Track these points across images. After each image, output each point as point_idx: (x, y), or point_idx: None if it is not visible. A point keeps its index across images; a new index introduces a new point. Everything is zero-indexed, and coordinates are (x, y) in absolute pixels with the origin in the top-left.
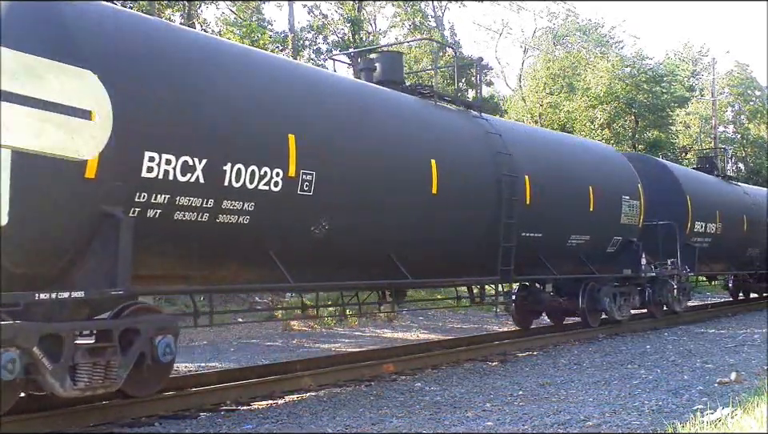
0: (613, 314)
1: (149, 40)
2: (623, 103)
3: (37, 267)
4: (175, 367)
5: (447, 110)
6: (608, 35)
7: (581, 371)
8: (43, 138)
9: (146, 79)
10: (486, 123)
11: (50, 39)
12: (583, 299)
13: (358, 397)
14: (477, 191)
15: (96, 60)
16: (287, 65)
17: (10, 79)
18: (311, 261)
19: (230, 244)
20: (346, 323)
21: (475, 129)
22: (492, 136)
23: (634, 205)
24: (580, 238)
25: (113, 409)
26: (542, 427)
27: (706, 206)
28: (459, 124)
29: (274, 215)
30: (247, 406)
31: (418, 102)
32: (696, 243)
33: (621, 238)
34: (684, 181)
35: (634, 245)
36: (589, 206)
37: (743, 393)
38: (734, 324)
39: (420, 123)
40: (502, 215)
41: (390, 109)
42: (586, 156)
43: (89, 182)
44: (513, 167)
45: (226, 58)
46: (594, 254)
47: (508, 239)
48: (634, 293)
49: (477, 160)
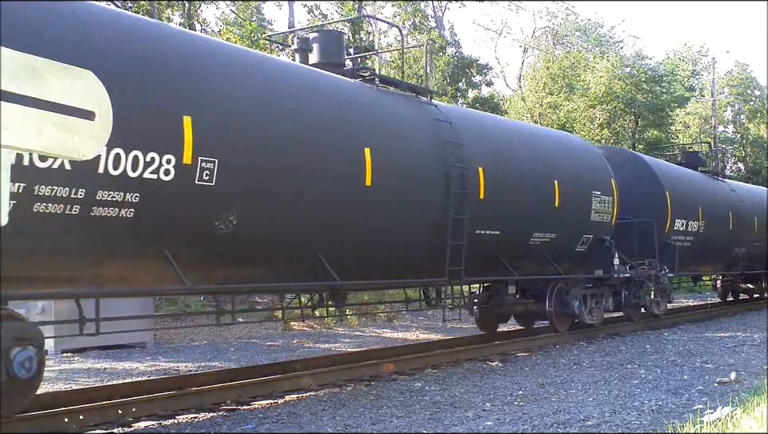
0: (583, 317)
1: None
2: (623, 103)
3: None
4: (175, 367)
5: (390, 94)
6: (608, 35)
7: (581, 371)
8: (43, 138)
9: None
10: (434, 110)
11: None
12: (550, 301)
13: (358, 397)
14: (420, 184)
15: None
16: (187, 36)
17: (10, 79)
18: (217, 261)
19: (112, 241)
20: (346, 323)
21: (421, 116)
22: (440, 124)
23: (606, 201)
24: (544, 236)
25: (113, 409)
26: (542, 427)
27: (688, 202)
28: (402, 110)
29: (166, 209)
30: (247, 406)
31: (356, 85)
32: (676, 241)
33: (591, 236)
34: (663, 176)
35: (606, 244)
36: (554, 202)
37: (743, 393)
38: (733, 324)
39: (354, 108)
40: (450, 211)
41: (318, 92)
42: (552, 148)
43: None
44: (464, 158)
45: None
46: (562, 253)
47: (457, 236)
48: (607, 295)
49: (421, 150)
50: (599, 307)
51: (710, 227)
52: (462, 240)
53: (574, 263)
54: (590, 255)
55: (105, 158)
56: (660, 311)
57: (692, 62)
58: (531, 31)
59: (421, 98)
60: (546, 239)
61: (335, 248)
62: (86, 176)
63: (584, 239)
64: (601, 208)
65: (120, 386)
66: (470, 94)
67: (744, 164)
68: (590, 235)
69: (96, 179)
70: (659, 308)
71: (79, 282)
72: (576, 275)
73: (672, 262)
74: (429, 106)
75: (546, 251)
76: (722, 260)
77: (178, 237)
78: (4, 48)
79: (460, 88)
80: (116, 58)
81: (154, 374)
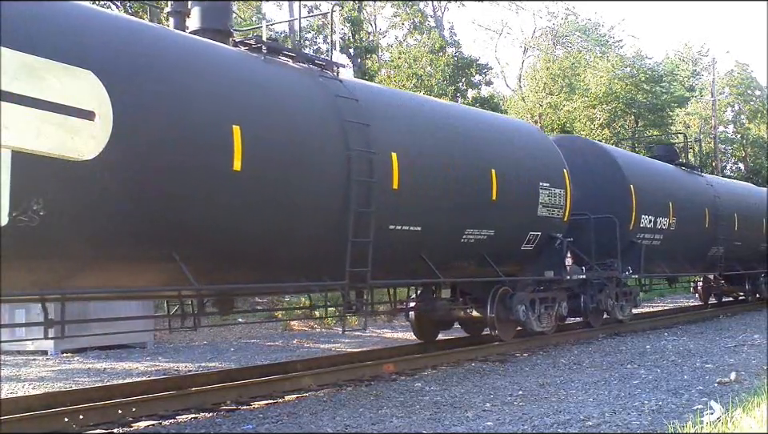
0: (530, 324)
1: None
2: (623, 103)
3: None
4: (175, 367)
5: (279, 66)
6: (608, 35)
7: (581, 371)
8: (43, 138)
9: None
10: (336, 85)
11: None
12: (492, 306)
13: (358, 397)
14: (311, 171)
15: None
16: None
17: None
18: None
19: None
20: (346, 323)
21: (318, 91)
22: (343, 101)
23: (556, 194)
24: (480, 233)
25: (113, 409)
26: (542, 427)
27: (656, 197)
28: (290, 84)
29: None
30: (247, 406)
31: (235, 55)
32: (643, 240)
33: (540, 233)
34: (627, 167)
35: (558, 242)
36: (491, 194)
37: (743, 393)
38: (733, 324)
39: (224, 80)
40: (351, 203)
41: (173, 58)
42: (490, 133)
43: None
44: (372, 141)
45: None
46: (504, 253)
47: (361, 232)
48: (561, 299)
49: (313, 130)
50: (549, 313)
51: (683, 225)
52: (367, 237)
53: (520, 263)
54: (539, 255)
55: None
56: (625, 316)
57: (692, 62)
58: (531, 31)
59: (326, 72)
60: (482, 236)
61: (195, 247)
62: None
63: (531, 237)
64: (550, 202)
65: (120, 386)
66: (469, 94)
67: (744, 164)
68: (537, 232)
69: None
70: (623, 313)
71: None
72: (520, 276)
73: (637, 262)
74: (330, 81)
75: (484, 250)
76: (697, 261)
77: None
78: (4, 48)
79: (459, 88)
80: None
81: (154, 374)
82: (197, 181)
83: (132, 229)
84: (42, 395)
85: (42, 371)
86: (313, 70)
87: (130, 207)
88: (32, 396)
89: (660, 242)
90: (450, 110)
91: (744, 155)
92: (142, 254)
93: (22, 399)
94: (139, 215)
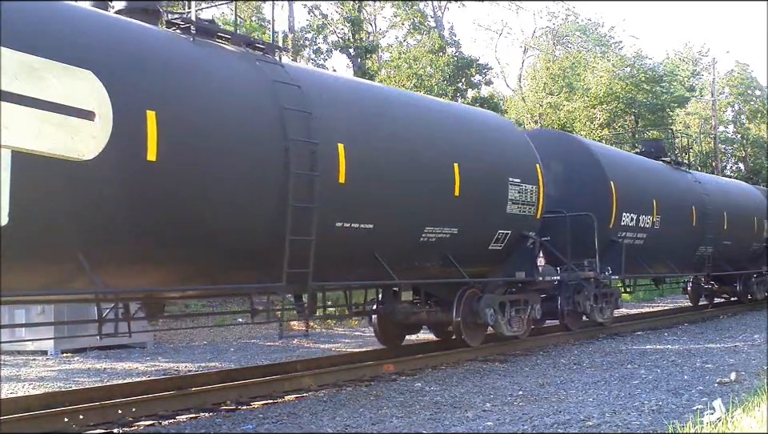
0: (500, 328)
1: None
2: (623, 103)
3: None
4: (175, 367)
5: (210, 48)
6: (608, 35)
7: (581, 371)
8: (43, 138)
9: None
10: (276, 70)
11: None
12: (458, 310)
13: (358, 397)
14: (240, 161)
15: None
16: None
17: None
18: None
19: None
20: (346, 324)
21: (254, 75)
22: (282, 87)
23: (527, 190)
24: (442, 231)
25: (113, 409)
26: (542, 427)
27: (639, 194)
28: (220, 67)
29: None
30: (247, 406)
31: (161, 35)
32: (624, 239)
33: (509, 232)
34: (607, 163)
35: (529, 241)
36: (453, 190)
37: (743, 393)
38: (734, 324)
39: (139, 63)
40: (290, 197)
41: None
42: (454, 125)
43: None
44: (314, 131)
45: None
46: (470, 252)
47: (301, 230)
48: (534, 302)
49: (244, 117)
50: (521, 316)
51: (668, 223)
52: (309, 235)
53: (489, 263)
54: (510, 255)
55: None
56: (604, 319)
57: (692, 62)
58: (531, 31)
59: (267, 56)
60: (444, 234)
61: (103, 246)
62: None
63: (500, 235)
64: (521, 199)
65: (120, 386)
66: (469, 95)
67: (744, 164)
68: (507, 231)
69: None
70: (603, 315)
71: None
72: (487, 277)
73: (618, 262)
74: (269, 66)
75: (447, 250)
76: (683, 261)
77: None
78: (4, 48)
79: (459, 88)
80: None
81: (154, 374)
82: (105, 173)
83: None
84: (42, 395)
85: (41, 371)
86: (250, 53)
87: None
88: (32, 396)
89: (643, 241)
90: (409, 100)
91: (744, 155)
92: (47, 249)
93: (22, 399)
94: (47, 208)
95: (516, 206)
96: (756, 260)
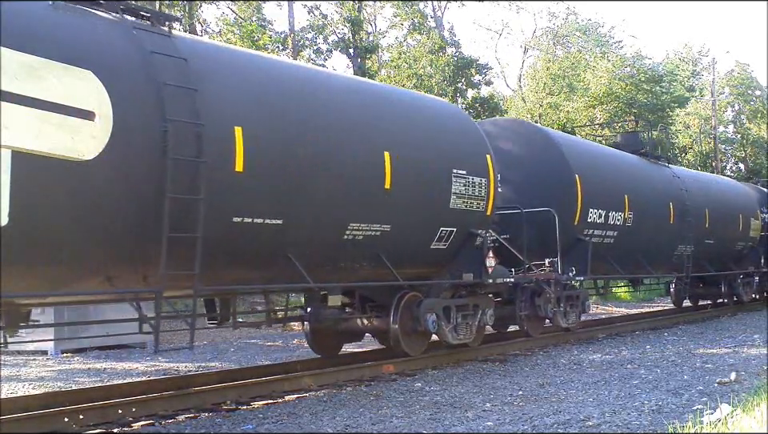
0: (444, 336)
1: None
2: (623, 103)
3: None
4: (175, 367)
5: (75, 14)
6: (608, 35)
7: (581, 371)
8: (43, 138)
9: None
10: (159, 40)
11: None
12: (395, 316)
13: (358, 397)
14: (111, 144)
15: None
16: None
17: (9, 79)
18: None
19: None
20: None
21: (126, 45)
22: (162, 60)
23: (475, 183)
24: (371, 228)
25: (112, 409)
26: (542, 427)
27: (608, 189)
28: (81, 33)
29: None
30: (247, 406)
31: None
32: (592, 237)
33: (455, 229)
34: (572, 156)
35: (478, 239)
36: (383, 182)
37: (743, 393)
38: (733, 324)
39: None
40: (167, 187)
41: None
42: (385, 110)
43: None
44: (202, 111)
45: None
46: (407, 251)
47: (184, 225)
48: (486, 306)
49: (113, 94)
50: (468, 323)
51: (642, 220)
52: (193, 231)
53: (432, 264)
54: (456, 255)
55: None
56: (569, 324)
57: (692, 62)
58: (532, 31)
59: (150, 26)
60: (374, 232)
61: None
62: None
63: (443, 233)
64: (467, 192)
65: (120, 386)
66: (469, 95)
67: (744, 164)
68: (451, 228)
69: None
70: (567, 320)
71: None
72: (433, 280)
73: (584, 262)
74: (150, 36)
75: (379, 249)
76: (661, 261)
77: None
78: (4, 48)
79: (459, 88)
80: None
81: (154, 374)
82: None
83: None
84: (42, 395)
85: (41, 371)
86: (126, 21)
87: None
88: (32, 396)
89: (614, 239)
90: (330, 81)
91: (744, 155)
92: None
93: (22, 399)
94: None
95: (462, 201)
96: (742, 260)
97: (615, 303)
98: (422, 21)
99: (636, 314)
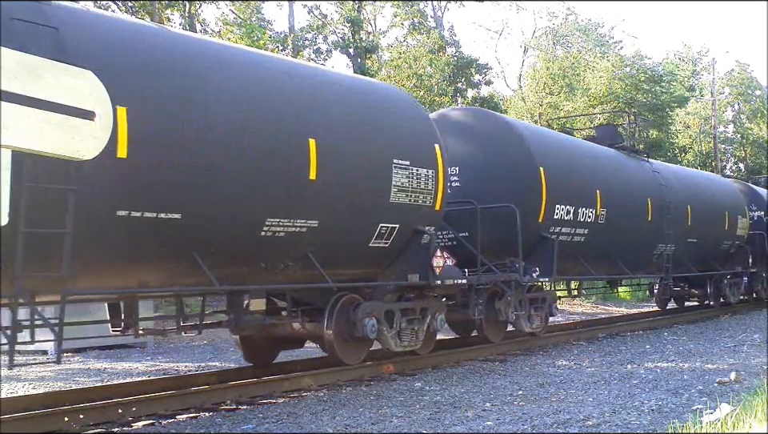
0: (386, 343)
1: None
2: (623, 103)
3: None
4: (175, 367)
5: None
6: (608, 35)
7: (581, 371)
8: (43, 138)
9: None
10: (23, 6)
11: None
12: (330, 321)
13: (358, 397)
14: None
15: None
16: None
17: (9, 79)
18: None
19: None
20: None
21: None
22: (24, 27)
23: (420, 175)
24: (294, 224)
25: (113, 409)
26: (541, 427)
27: (577, 183)
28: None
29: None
30: (247, 406)
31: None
32: (560, 234)
33: (397, 226)
34: (536, 147)
35: (425, 237)
36: (308, 173)
37: (743, 393)
38: (733, 324)
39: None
40: (23, 175)
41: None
42: (311, 91)
43: None
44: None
45: None
46: (341, 250)
47: (45, 219)
48: (436, 310)
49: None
50: (414, 328)
51: (616, 217)
52: (60, 225)
53: (372, 264)
54: (400, 254)
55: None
56: (534, 328)
57: (692, 62)
58: (531, 31)
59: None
60: (298, 228)
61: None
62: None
63: (383, 230)
64: (411, 185)
65: (120, 386)
66: (469, 94)
67: (744, 164)
68: (393, 225)
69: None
70: (531, 324)
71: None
72: (380, 281)
73: (549, 261)
74: (15, 3)
75: (307, 248)
76: (638, 260)
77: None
78: (4, 48)
79: (459, 88)
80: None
81: (154, 374)
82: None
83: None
84: (42, 395)
85: (42, 371)
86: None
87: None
88: (32, 396)
89: (584, 238)
90: (243, 58)
91: (744, 155)
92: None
93: (22, 399)
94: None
95: (404, 195)
96: (729, 260)
97: (615, 302)
98: (422, 21)
99: (636, 314)
